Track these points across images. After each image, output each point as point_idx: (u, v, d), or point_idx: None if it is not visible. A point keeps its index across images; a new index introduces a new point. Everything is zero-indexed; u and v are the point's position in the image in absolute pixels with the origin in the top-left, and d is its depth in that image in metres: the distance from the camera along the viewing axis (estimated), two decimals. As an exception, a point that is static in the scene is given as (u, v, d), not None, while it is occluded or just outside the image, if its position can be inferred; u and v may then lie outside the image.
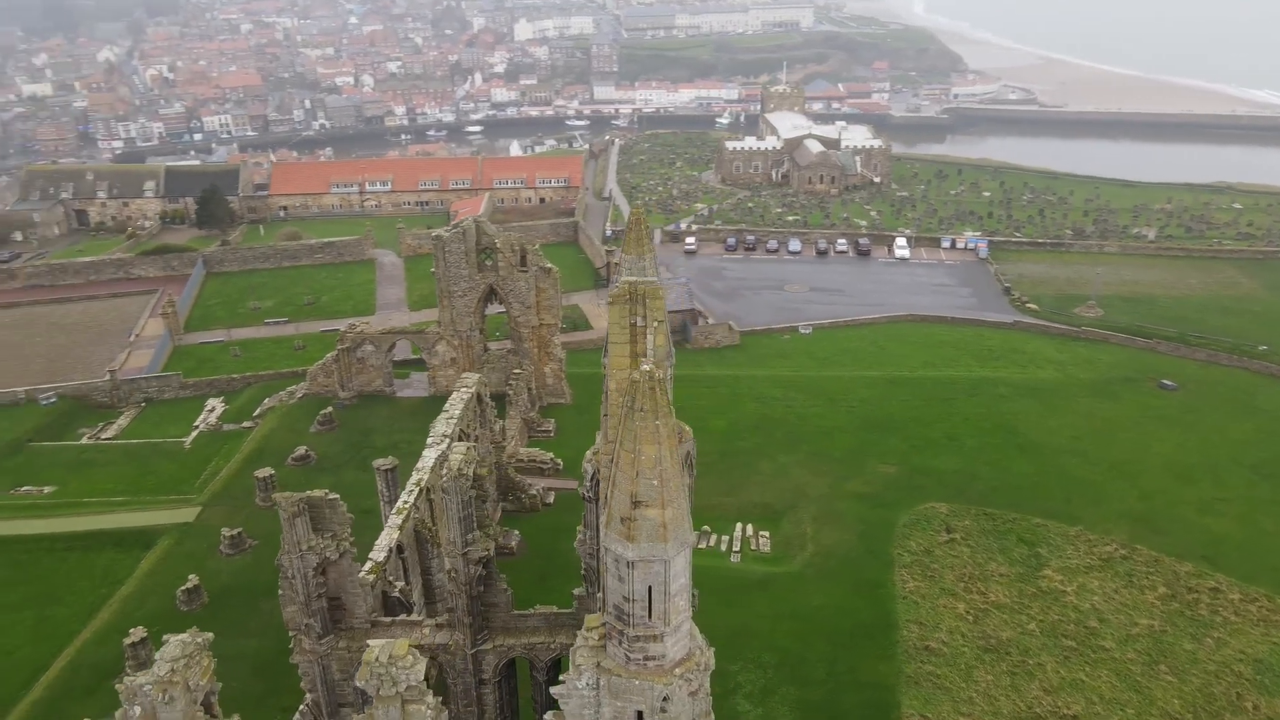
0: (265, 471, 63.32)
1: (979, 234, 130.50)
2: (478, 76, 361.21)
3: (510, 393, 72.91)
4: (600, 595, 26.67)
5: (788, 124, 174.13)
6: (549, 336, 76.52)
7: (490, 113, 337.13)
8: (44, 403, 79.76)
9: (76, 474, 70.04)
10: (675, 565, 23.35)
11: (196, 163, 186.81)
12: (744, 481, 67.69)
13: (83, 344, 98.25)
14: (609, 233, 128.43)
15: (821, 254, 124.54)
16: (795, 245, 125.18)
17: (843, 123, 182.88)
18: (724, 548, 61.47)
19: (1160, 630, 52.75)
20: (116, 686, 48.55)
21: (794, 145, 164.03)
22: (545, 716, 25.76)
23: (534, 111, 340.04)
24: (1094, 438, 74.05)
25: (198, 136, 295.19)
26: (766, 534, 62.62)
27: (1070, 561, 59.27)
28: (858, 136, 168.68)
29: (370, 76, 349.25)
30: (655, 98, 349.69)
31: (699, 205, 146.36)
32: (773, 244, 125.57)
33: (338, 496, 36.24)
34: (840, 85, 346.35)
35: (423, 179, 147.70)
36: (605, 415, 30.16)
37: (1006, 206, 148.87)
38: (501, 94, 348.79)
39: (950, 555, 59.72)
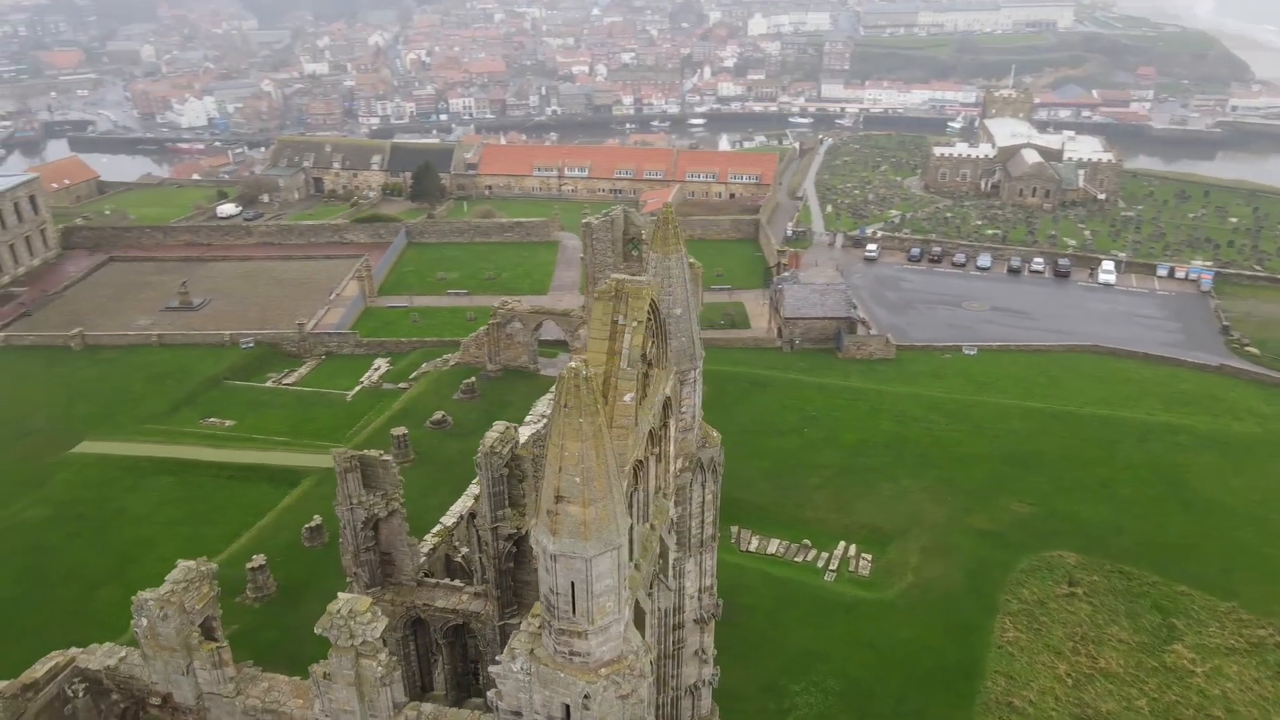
0: (400, 430, 68.17)
1: (1208, 264, 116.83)
2: (706, 70, 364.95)
3: (638, 382, 73.95)
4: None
5: (1006, 131, 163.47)
6: (686, 331, 76.74)
7: (715, 106, 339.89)
8: (244, 346, 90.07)
9: (254, 412, 78.67)
10: (599, 565, 23.36)
11: (422, 140, 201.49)
12: (858, 500, 65.04)
13: (293, 298, 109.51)
14: (790, 233, 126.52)
15: (1014, 272, 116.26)
16: (985, 260, 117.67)
17: (1070, 132, 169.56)
18: (821, 564, 59.59)
19: (1299, 735, 45.82)
20: (235, 601, 54.99)
21: (1009, 154, 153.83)
22: (489, 693, 26.59)
23: (758, 107, 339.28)
24: (1282, 505, 64.88)
25: (443, 117, 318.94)
26: (869, 557, 60.01)
27: (1210, 640, 52.45)
28: (1084, 148, 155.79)
29: (604, 66, 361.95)
30: (885, 98, 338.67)
31: (893, 212, 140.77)
32: (960, 257, 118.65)
33: (390, 458, 38.70)
34: (1094, 92, 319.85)
35: (619, 167, 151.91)
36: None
37: (1254, 235, 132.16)
38: (728, 88, 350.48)
39: (1066, 610, 54.57)
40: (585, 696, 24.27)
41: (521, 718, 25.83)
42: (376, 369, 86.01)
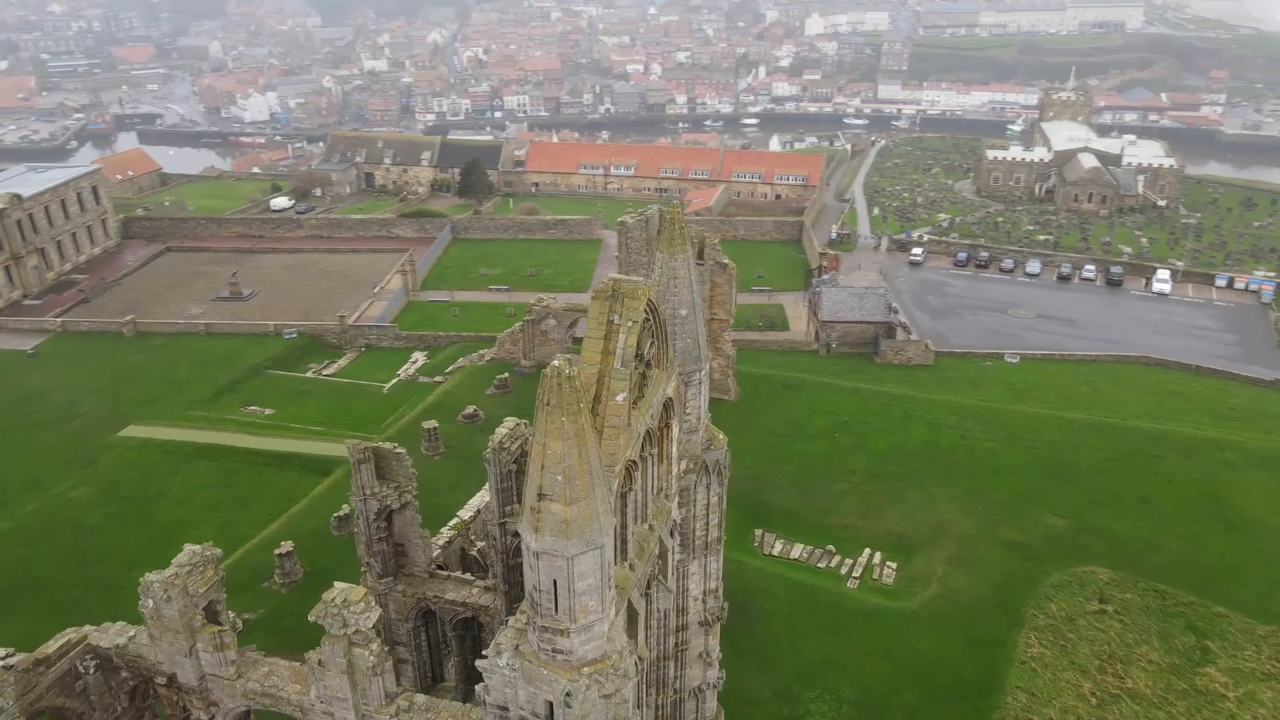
0: (431, 424, 69.11)
1: (1270, 274, 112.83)
2: (761, 69, 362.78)
3: (669, 382, 73.94)
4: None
5: (1063, 134, 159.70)
6: (719, 332, 76.50)
7: (769, 106, 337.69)
8: (287, 337, 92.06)
9: (293, 401, 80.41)
10: (581, 564, 23.43)
11: (472, 137, 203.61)
12: (886, 507, 64.17)
13: (339, 290, 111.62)
14: (834, 235, 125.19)
15: (1064, 279, 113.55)
16: (1034, 267, 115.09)
17: (1130, 137, 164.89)
18: (844, 571, 58.93)
19: (1334, 767, 44.05)
20: (263, 585, 56.29)
21: (1065, 158, 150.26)
22: (476, 687, 26.82)
23: (812, 108, 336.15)
24: (1333, 529, 62.37)
25: (498, 114, 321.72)
26: (894, 566, 59.18)
27: (1245, 664, 50.72)
28: (1145, 153, 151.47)
29: (659, 65, 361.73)
30: (943, 99, 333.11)
31: (941, 215, 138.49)
32: (1008, 263, 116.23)
33: (404, 451, 39.25)
34: (1163, 95, 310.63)
35: (665, 167, 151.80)
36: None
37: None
38: (783, 88, 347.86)
39: (1095, 628, 53.20)
40: (567, 694, 24.37)
41: (508, 713, 26.03)
42: (414, 362, 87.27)
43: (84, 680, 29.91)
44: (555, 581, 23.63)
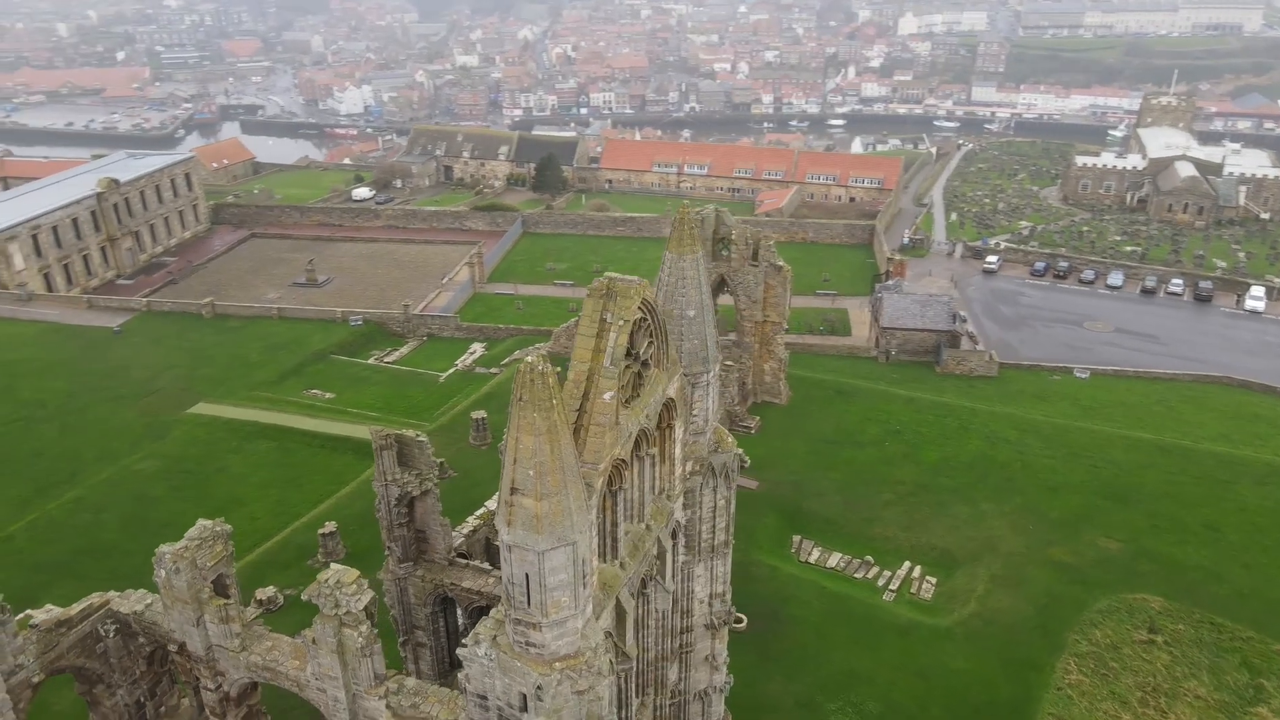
0: (480, 414, 70.26)
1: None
2: (851, 70, 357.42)
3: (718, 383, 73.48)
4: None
5: (1160, 142, 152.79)
6: (772, 334, 75.73)
7: (856, 107, 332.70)
8: (353, 323, 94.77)
9: (353, 387, 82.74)
10: (552, 560, 23.53)
11: (553, 133, 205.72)
12: (930, 520, 62.50)
13: (410, 279, 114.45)
14: (906, 240, 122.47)
15: (1148, 293, 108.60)
16: (1116, 279, 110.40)
17: (1236, 146, 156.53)
18: (881, 583, 57.62)
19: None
20: (307, 563, 58.10)
21: (1160, 166, 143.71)
22: (459, 676, 27.21)
23: (902, 109, 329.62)
24: None
25: (583, 110, 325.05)
26: (934, 581, 57.60)
27: (1303, 707, 47.79)
28: (1250, 163, 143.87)
29: (746, 64, 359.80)
30: (1040, 102, 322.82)
31: (1022, 223, 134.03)
32: (1089, 274, 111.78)
33: (426, 439, 39.98)
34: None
35: (738, 166, 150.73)
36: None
37: None
38: (872, 89, 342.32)
39: (1141, 658, 50.83)
40: (538, 688, 24.54)
41: (487, 702, 26.36)
42: (472, 353, 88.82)
43: (104, 643, 31.44)
44: (527, 575, 23.82)
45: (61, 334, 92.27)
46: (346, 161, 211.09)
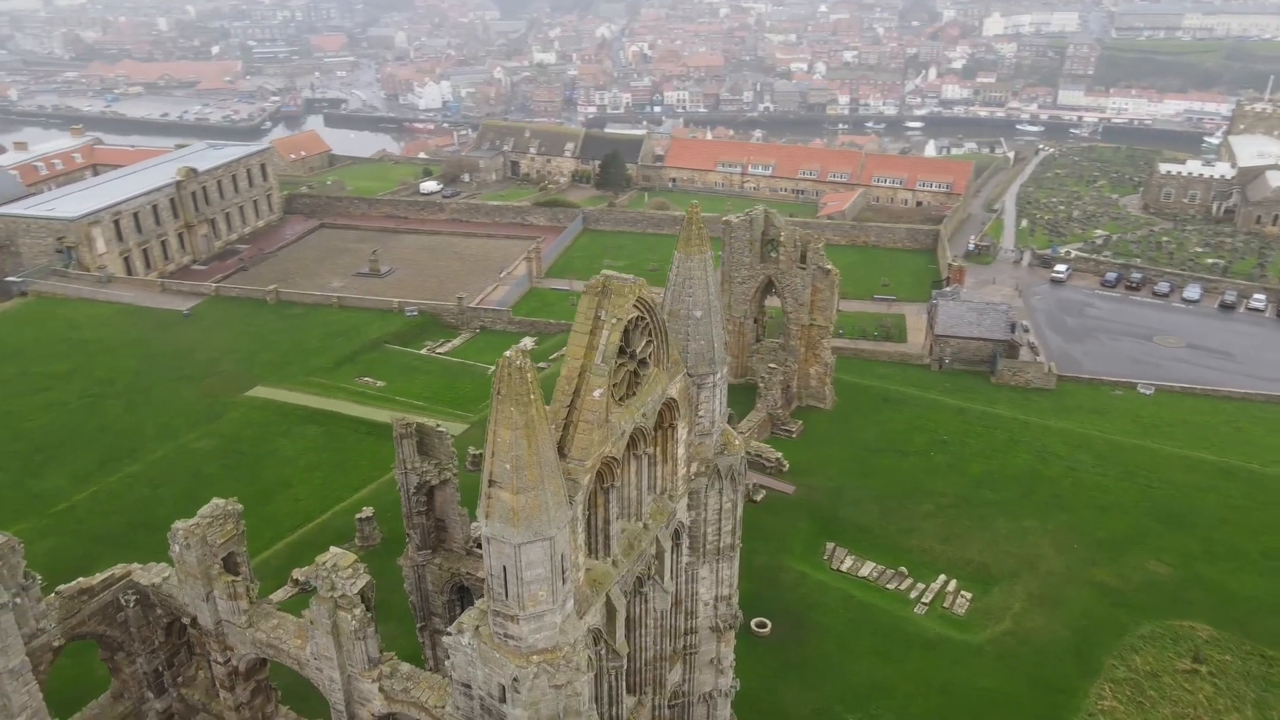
0: (522, 407, 70.90)
1: None
2: (932, 71, 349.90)
3: (760, 385, 73.04)
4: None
5: (1251, 150, 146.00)
6: (819, 338, 74.77)
7: (936, 109, 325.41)
8: (409, 314, 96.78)
9: (404, 376, 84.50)
10: (528, 554, 23.69)
11: (621, 130, 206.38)
12: (970, 534, 60.97)
13: (468, 272, 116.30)
14: (972, 246, 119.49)
15: (1226, 308, 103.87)
16: (1193, 292, 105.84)
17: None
18: (913, 596, 56.41)
19: None
20: (343, 546, 59.41)
21: (1250, 175, 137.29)
22: (445, 663, 27.64)
23: (983, 112, 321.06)
24: None
25: (657, 109, 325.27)
26: (968, 596, 56.17)
27: (1354, 749, 45.27)
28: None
29: (823, 64, 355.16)
30: (1131, 107, 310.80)
31: (1097, 231, 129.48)
32: (1163, 286, 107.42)
33: (445, 429, 40.65)
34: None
35: (803, 168, 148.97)
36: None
37: None
38: (953, 90, 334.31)
39: (1182, 688, 48.77)
40: (514, 680, 24.78)
41: (471, 690, 26.72)
42: (523, 347, 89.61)
43: (125, 613, 32.82)
44: (504, 568, 24.06)
45: (135, 315, 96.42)
46: (421, 155, 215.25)
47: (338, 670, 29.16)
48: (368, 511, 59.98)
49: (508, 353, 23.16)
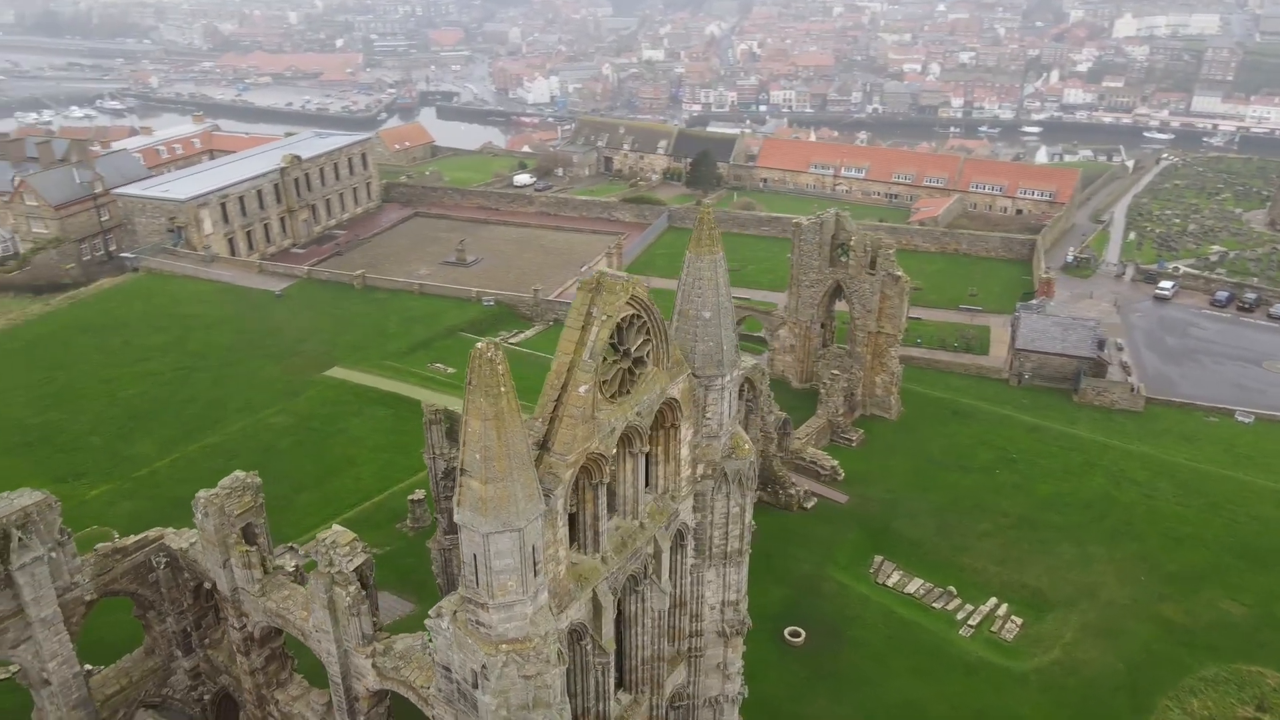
0: (581, 400, 71.55)
1: None
2: (1054, 74, 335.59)
3: (822, 391, 71.70)
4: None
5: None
6: (886, 346, 72.84)
7: (1055, 114, 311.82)
8: (485, 304, 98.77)
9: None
10: (497, 543, 23.90)
11: (715, 129, 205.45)
12: (1029, 557, 58.41)
13: (551, 265, 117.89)
14: (1070, 258, 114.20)
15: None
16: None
17: None
18: (960, 617, 54.48)
19: None
20: (395, 526, 61.36)
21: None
22: (430, 645, 28.18)
23: (1108, 118, 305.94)
24: None
25: (762, 108, 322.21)
26: (1019, 621, 53.86)
27: None
28: None
29: (938, 65, 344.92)
30: (1275, 115, 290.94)
31: (1214, 247, 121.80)
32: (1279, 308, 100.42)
33: (474, 418, 41.38)
34: None
35: (897, 171, 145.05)
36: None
37: None
38: (1076, 95, 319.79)
39: (1242, 737, 45.65)
40: (483, 667, 25.10)
41: (451, 673, 27.20)
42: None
43: (156, 574, 34.71)
44: (475, 556, 24.38)
45: (232, 294, 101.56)
46: (525, 149, 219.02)
47: (334, 643, 30.13)
48: (420, 494, 61.56)
49: (480, 344, 23.43)
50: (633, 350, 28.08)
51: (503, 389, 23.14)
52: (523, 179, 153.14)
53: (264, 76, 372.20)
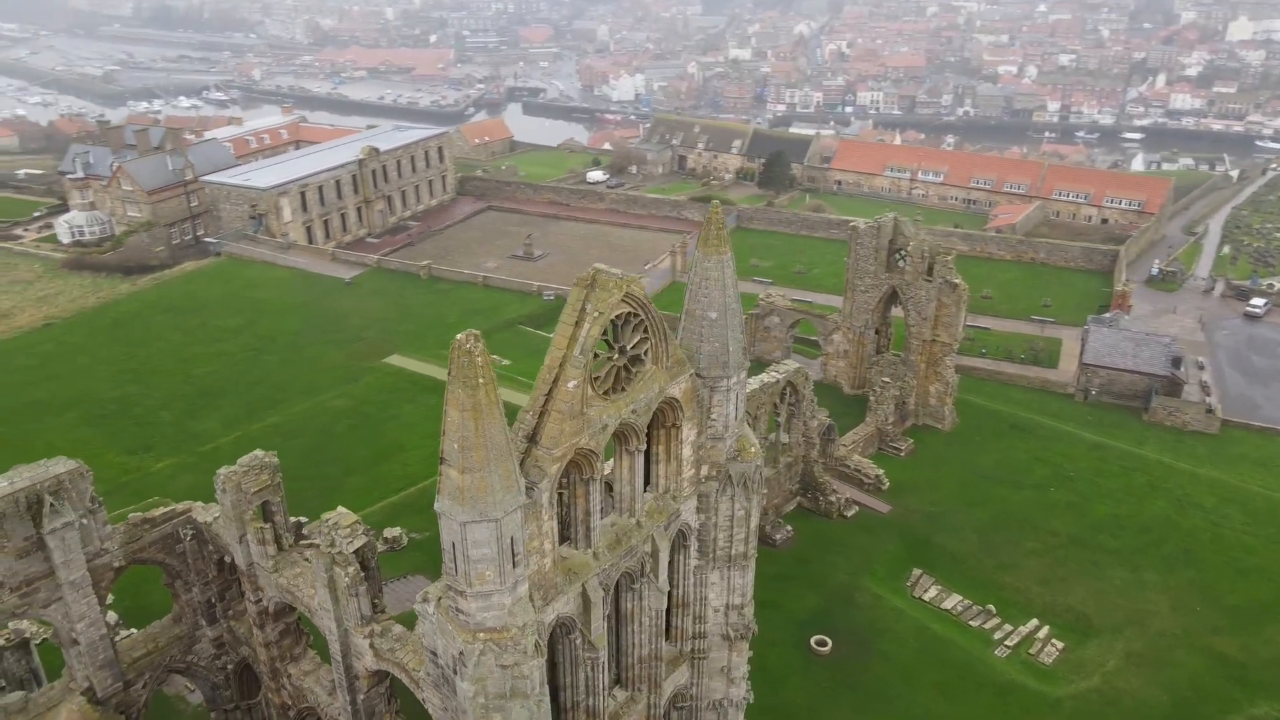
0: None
1: None
2: (1160, 78, 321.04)
3: (871, 399, 70.30)
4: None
5: None
6: (941, 355, 70.98)
7: (1159, 120, 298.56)
8: (545, 298, 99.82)
9: (529, 357, 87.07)
10: (474, 533, 24.18)
11: (795, 130, 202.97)
12: (1076, 579, 56.24)
13: (616, 262, 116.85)
14: (1155, 271, 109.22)
15: None
16: None
17: None
18: (997, 637, 52.78)
19: None
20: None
21: None
22: (418, 629, 28.70)
23: (1217, 125, 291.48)
24: None
25: (848, 109, 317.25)
26: (1060, 645, 51.90)
27: None
28: None
29: (1035, 67, 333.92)
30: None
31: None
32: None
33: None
34: None
35: (976, 176, 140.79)
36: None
37: None
38: (1183, 100, 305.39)
39: (1290, 784, 43.08)
40: (460, 653, 25.46)
41: (438, 658, 27.68)
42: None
43: (183, 545, 36.20)
44: (453, 544, 24.73)
45: (305, 280, 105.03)
46: (606, 146, 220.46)
47: (334, 622, 30.95)
48: (456, 482, 62.57)
49: (459, 336, 23.72)
50: (629, 348, 27.99)
51: (481, 380, 23.41)
52: (595, 176, 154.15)
53: (359, 71, 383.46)
